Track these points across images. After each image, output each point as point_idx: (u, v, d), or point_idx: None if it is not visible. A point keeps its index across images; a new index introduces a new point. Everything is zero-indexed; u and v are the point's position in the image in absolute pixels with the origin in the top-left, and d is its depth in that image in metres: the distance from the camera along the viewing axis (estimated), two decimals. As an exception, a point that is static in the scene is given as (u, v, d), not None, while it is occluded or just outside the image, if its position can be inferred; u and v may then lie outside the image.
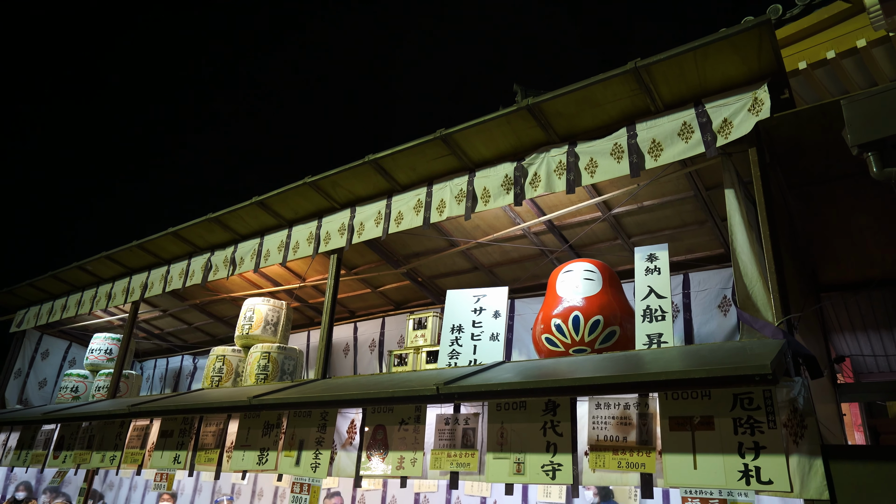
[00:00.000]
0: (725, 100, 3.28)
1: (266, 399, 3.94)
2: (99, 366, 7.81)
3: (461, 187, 4.29)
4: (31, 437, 6.22)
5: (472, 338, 4.40)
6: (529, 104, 3.76)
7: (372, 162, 4.52)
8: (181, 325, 8.60)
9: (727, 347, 2.91)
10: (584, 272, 4.17)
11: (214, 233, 5.88)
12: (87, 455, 5.53)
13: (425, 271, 6.18)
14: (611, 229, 5.03)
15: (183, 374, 9.14)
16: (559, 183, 3.83)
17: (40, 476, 8.34)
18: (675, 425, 2.71)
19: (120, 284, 6.99)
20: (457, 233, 5.36)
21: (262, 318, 6.07)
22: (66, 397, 7.59)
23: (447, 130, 4.12)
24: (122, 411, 4.99)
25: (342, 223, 4.96)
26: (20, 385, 8.39)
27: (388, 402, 3.52)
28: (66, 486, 7.86)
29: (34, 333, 8.69)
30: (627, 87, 3.51)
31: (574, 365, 3.30)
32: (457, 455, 3.39)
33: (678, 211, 4.71)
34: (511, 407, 3.27)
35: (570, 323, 3.95)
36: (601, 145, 3.72)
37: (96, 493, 7.50)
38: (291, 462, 4.06)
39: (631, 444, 2.89)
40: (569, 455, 2.97)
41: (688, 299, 5.04)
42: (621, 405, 3.03)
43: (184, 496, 7.98)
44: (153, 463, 4.97)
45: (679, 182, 4.35)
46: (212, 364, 6.04)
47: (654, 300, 3.75)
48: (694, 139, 3.32)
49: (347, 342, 7.21)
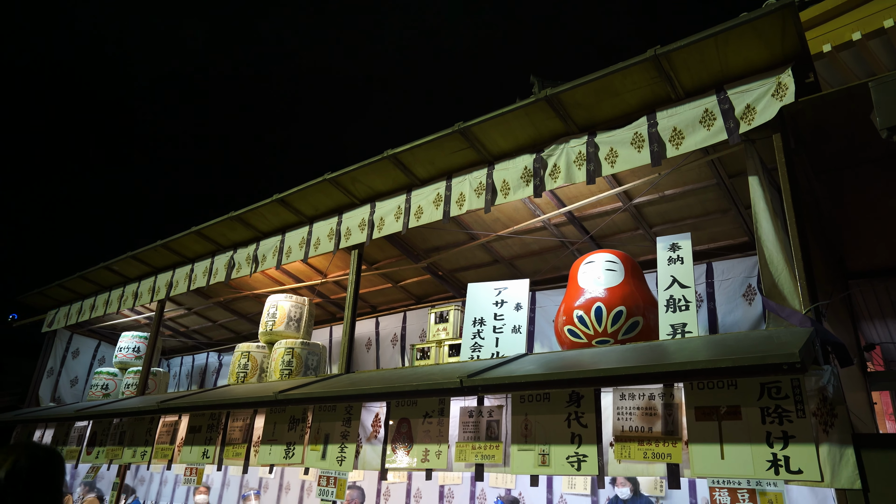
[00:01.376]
0: (748, 85, 3.22)
1: (291, 394, 3.99)
2: (127, 364, 7.98)
3: (480, 180, 4.29)
4: (64, 434, 6.38)
5: (494, 330, 4.40)
6: (548, 95, 3.74)
7: (391, 157, 4.53)
8: (206, 323, 8.73)
9: (753, 336, 2.88)
10: (606, 263, 4.14)
11: (237, 231, 5.96)
12: (118, 450, 5.66)
13: (446, 265, 6.19)
14: (632, 219, 4.99)
15: (208, 371, 9.29)
16: (579, 174, 3.81)
17: (75, 471, 8.56)
18: (701, 415, 2.69)
19: (146, 283, 7.12)
20: (476, 226, 5.35)
21: (285, 315, 6.14)
22: (97, 395, 7.76)
23: (465, 123, 4.11)
24: (151, 408, 5.09)
25: (362, 218, 4.99)
26: (53, 383, 8.61)
27: (412, 396, 3.55)
28: (99, 481, 8.05)
29: (65, 333, 8.89)
30: (647, 75, 3.47)
31: (597, 356, 3.29)
32: (481, 447, 3.41)
33: (700, 199, 4.65)
34: (535, 399, 3.28)
35: (592, 314, 3.93)
36: (621, 135, 3.69)
37: (128, 488, 7.67)
38: (317, 456, 4.12)
39: (657, 434, 2.88)
40: (594, 446, 2.96)
41: (711, 288, 4.98)
42: (646, 396, 3.02)
43: (212, 490, 8.13)
44: (183, 458, 5.07)
45: (701, 170, 4.30)
46: (237, 360, 6.13)
47: (677, 290, 3.72)
48: (716, 126, 3.27)
49: (369, 337, 7.26)
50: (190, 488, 7.67)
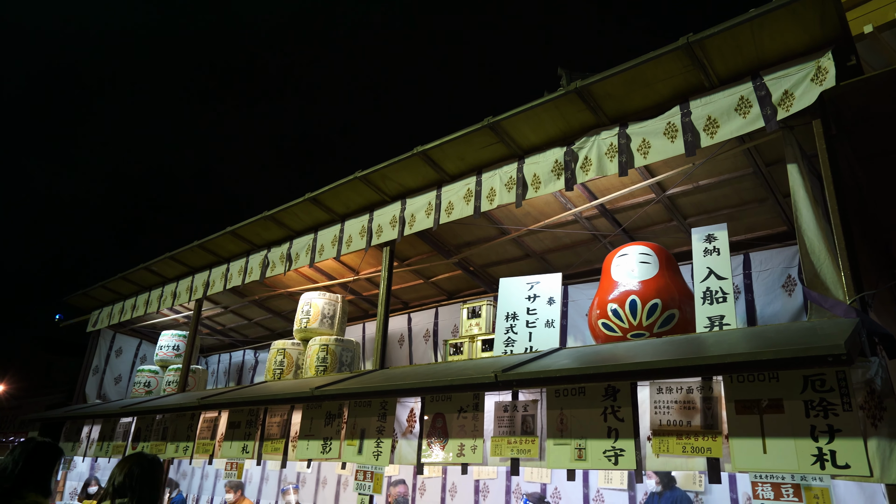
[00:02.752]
0: (786, 71, 3.14)
1: (327, 390, 4.04)
2: (168, 361, 8.20)
3: (511, 174, 4.27)
4: (111, 430, 6.59)
5: (526, 325, 4.39)
6: (578, 87, 3.70)
7: (420, 153, 4.55)
8: (242, 321, 8.91)
9: (795, 328, 2.81)
10: (640, 255, 4.09)
11: (270, 230, 6.06)
12: (162, 446, 5.82)
13: (477, 260, 6.19)
14: (665, 211, 4.91)
15: (245, 368, 9.48)
16: (611, 166, 3.76)
17: (120, 466, 8.82)
18: (742, 409, 2.64)
19: (184, 283, 7.29)
20: (507, 220, 5.34)
21: (318, 312, 6.22)
22: (140, 392, 8.00)
23: (495, 118, 4.10)
24: (192, 404, 5.22)
25: (393, 215, 5.02)
26: (98, 381, 8.90)
27: (446, 391, 3.56)
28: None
29: (108, 332, 9.18)
30: (679, 63, 3.41)
31: (633, 349, 3.25)
32: (517, 442, 3.41)
33: (736, 189, 4.56)
34: (570, 393, 3.26)
35: (626, 307, 3.89)
36: (653, 125, 3.63)
37: (172, 482, 7.89)
38: (354, 450, 4.17)
39: (695, 428, 2.83)
40: (631, 440, 2.93)
41: (749, 280, 4.87)
42: (684, 389, 2.97)
43: (251, 485, 8.30)
44: (223, 453, 5.19)
45: (737, 159, 4.20)
46: (273, 357, 6.24)
47: (713, 282, 3.66)
48: (752, 114, 3.20)
49: (402, 333, 7.31)
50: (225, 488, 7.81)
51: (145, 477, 2.49)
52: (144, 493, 2.43)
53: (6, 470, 2.47)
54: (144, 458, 2.56)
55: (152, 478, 2.52)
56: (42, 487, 2.47)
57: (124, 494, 2.43)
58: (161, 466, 2.58)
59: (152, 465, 2.55)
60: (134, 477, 2.46)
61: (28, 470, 2.47)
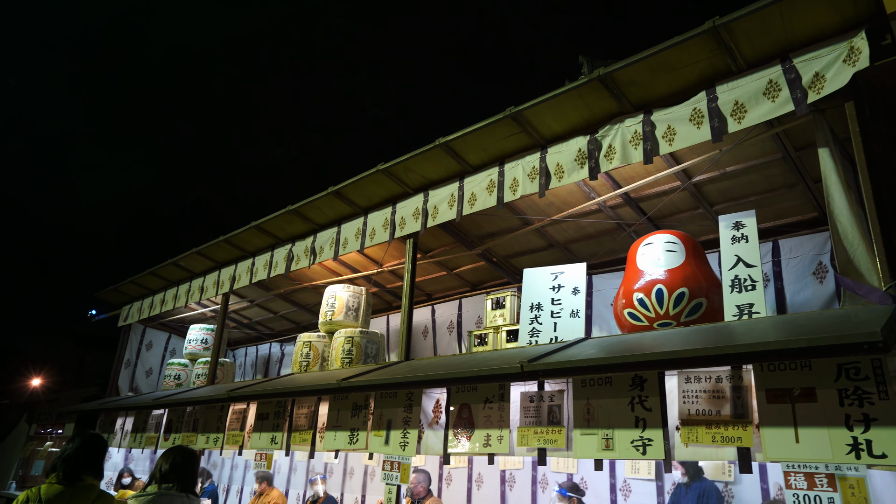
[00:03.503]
0: (816, 52, 3.06)
1: (354, 381, 4.08)
2: (197, 355, 8.36)
3: (533, 164, 4.25)
4: (143, 422, 6.74)
5: (551, 315, 4.37)
6: (601, 74, 3.66)
7: (442, 145, 4.54)
8: (268, 314, 9.03)
9: (828, 315, 2.76)
10: (666, 244, 4.04)
11: (294, 224, 6.12)
12: (193, 437, 5.94)
13: (500, 251, 6.18)
14: (691, 198, 4.84)
15: (272, 361, 9.62)
16: (635, 154, 3.72)
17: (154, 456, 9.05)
18: (773, 398, 2.60)
19: (210, 278, 7.41)
20: (530, 211, 5.31)
21: (343, 305, 6.28)
22: (170, 384, 8.17)
23: (517, 108, 4.07)
24: (221, 396, 5.32)
25: (416, 207, 5.03)
26: (130, 374, 9.12)
27: (472, 381, 3.57)
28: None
29: (138, 327, 9.39)
30: (705, 48, 3.34)
31: (660, 339, 3.22)
32: (543, 432, 3.41)
33: (765, 175, 4.47)
34: (596, 383, 3.24)
35: (653, 296, 3.85)
36: (679, 111, 3.58)
37: (205, 471, 8.05)
38: (381, 441, 4.21)
39: (725, 417, 2.80)
40: (659, 430, 2.91)
41: (778, 267, 4.78)
42: (713, 378, 2.94)
43: (280, 475, 8.44)
44: (252, 444, 5.28)
45: (765, 144, 4.12)
46: (299, 350, 6.32)
47: (742, 269, 3.60)
48: (781, 97, 3.12)
49: (426, 324, 7.34)
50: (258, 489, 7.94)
51: (185, 466, 2.91)
52: (185, 479, 2.87)
53: (70, 458, 2.94)
54: (185, 450, 2.99)
55: (191, 466, 2.94)
56: (96, 472, 2.98)
57: (169, 480, 2.85)
58: (197, 457, 3.05)
59: (191, 456, 2.98)
60: (177, 465, 2.87)
61: (86, 458, 2.95)
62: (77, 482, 2.86)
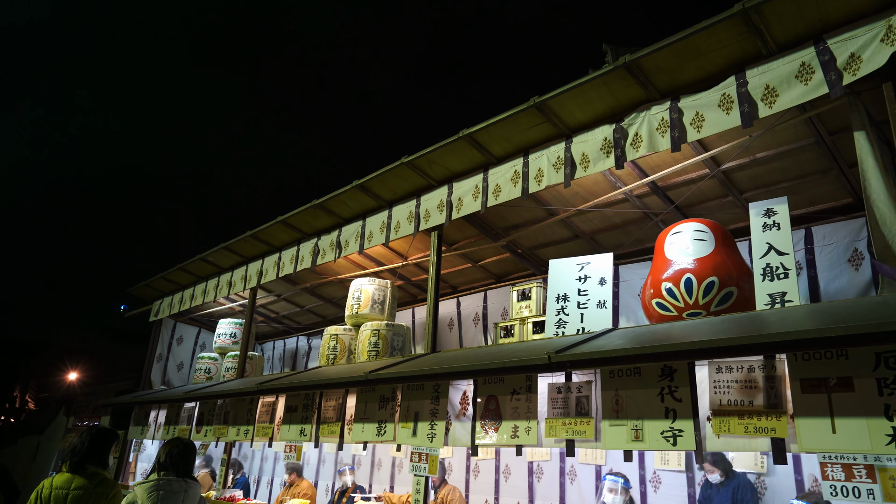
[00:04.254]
0: (852, 32, 2.96)
1: (381, 374, 4.11)
2: (226, 349, 8.50)
3: (558, 154, 4.21)
4: (175, 414, 6.89)
5: (578, 306, 4.34)
6: (626, 62, 3.60)
7: (466, 136, 4.53)
8: (294, 308, 9.13)
9: (865, 303, 2.69)
10: (695, 232, 3.98)
11: (319, 218, 6.17)
12: (224, 429, 6.05)
13: (525, 242, 6.15)
14: (720, 186, 4.75)
15: (299, 354, 9.74)
16: (663, 141, 3.66)
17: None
18: (808, 387, 2.55)
19: (238, 273, 7.52)
20: (555, 201, 5.27)
21: (369, 298, 6.32)
22: (201, 378, 8.33)
23: (541, 98, 4.04)
24: (251, 389, 5.40)
25: (440, 200, 5.03)
26: (162, 368, 9.32)
27: (499, 373, 3.57)
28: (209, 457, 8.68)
29: (169, 322, 9.58)
30: (735, 31, 3.27)
31: (690, 328, 3.18)
32: (572, 423, 3.39)
33: (797, 161, 4.36)
34: (625, 374, 3.21)
35: (682, 286, 3.80)
36: (707, 97, 3.51)
37: (236, 463, 8.20)
38: (408, 433, 4.23)
39: (758, 408, 2.75)
40: (690, 421, 2.88)
41: (811, 255, 4.67)
42: (745, 368, 2.89)
43: (309, 467, 8.56)
44: (282, 436, 5.36)
45: (797, 129, 4.02)
46: (326, 343, 6.38)
47: (774, 257, 3.53)
48: (815, 80, 3.04)
49: (451, 317, 7.35)
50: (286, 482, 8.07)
51: (182, 455, 3.10)
52: (181, 467, 3.07)
53: (76, 449, 3.25)
54: (181, 441, 3.21)
55: (187, 456, 3.14)
56: (100, 461, 3.22)
57: (167, 469, 3.07)
58: (194, 448, 3.29)
59: (187, 447, 3.19)
60: (174, 455, 3.08)
61: (90, 448, 3.22)
62: (81, 471, 3.18)
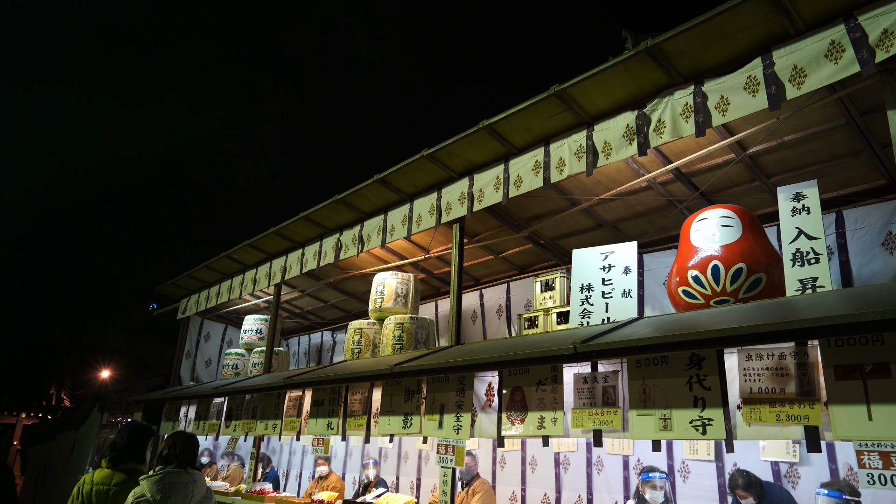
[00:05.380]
0: (885, 7, 2.86)
1: (406, 366, 4.13)
2: (252, 344, 8.62)
3: (580, 143, 4.16)
4: (205, 409, 7.00)
5: (602, 296, 4.30)
6: (648, 46, 3.54)
7: (486, 127, 4.50)
8: (318, 304, 9.21)
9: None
10: (721, 219, 3.91)
11: (341, 213, 6.20)
12: (252, 424, 6.14)
13: (547, 233, 6.11)
14: (747, 171, 4.66)
15: (324, 349, 9.83)
16: (686, 126, 3.59)
17: (216, 443, 9.42)
18: (842, 374, 2.49)
19: (262, 269, 7.61)
20: (577, 191, 5.22)
21: (392, 292, 6.34)
22: (229, 374, 8.46)
23: (561, 86, 4.00)
24: (278, 384, 5.47)
25: (461, 192, 5.01)
26: (190, 365, 9.49)
27: (524, 364, 3.55)
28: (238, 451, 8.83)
29: (196, 319, 9.74)
30: (760, 11, 3.19)
31: (718, 316, 3.13)
32: (599, 413, 3.36)
33: (826, 143, 4.25)
34: (652, 363, 3.17)
35: (708, 273, 3.74)
36: (732, 80, 3.43)
37: (265, 457, 8.32)
38: (434, 425, 4.25)
39: (790, 395, 2.70)
40: (719, 409, 2.83)
41: (843, 239, 4.56)
42: (776, 355, 2.83)
43: (337, 460, 8.64)
44: (309, 429, 5.41)
45: (827, 110, 3.92)
46: (351, 337, 6.43)
47: (804, 242, 3.46)
48: (845, 58, 2.95)
49: (474, 309, 7.35)
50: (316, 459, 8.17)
51: (185, 448, 3.18)
52: (184, 458, 3.14)
53: (115, 444, 3.34)
54: (184, 434, 3.29)
55: (191, 448, 3.22)
56: (138, 456, 3.28)
57: (171, 461, 3.14)
58: (196, 441, 3.37)
59: (190, 440, 3.27)
60: (177, 448, 3.16)
61: (129, 444, 3.30)
62: (121, 465, 3.26)
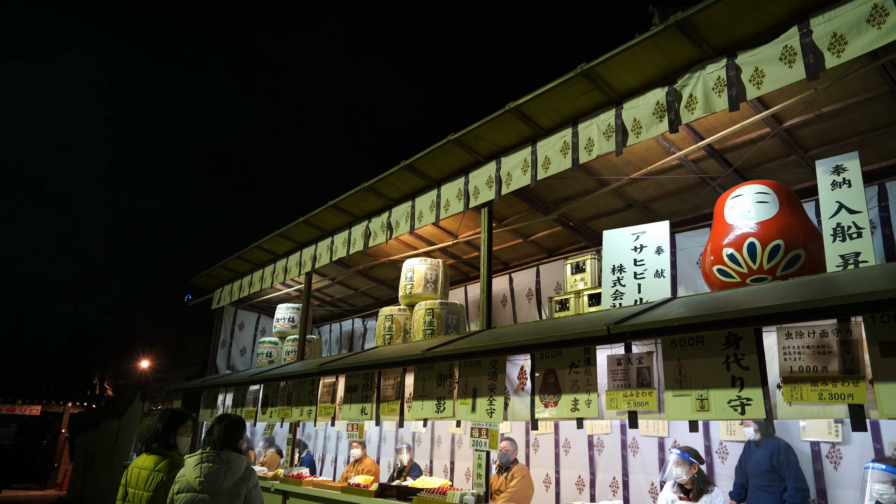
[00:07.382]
0: (930, -33, 2.74)
1: (438, 351, 4.15)
2: (285, 332, 8.76)
3: (609, 122, 4.09)
4: (242, 397, 7.17)
5: (634, 276, 4.25)
6: (678, 20, 3.45)
7: (513, 109, 4.45)
8: (349, 291, 9.30)
9: (950, 259, 2.52)
10: (757, 195, 3.82)
11: (369, 201, 6.22)
12: (288, 410, 6.26)
13: (576, 215, 6.04)
14: (782, 145, 4.53)
15: (355, 336, 9.94)
16: (719, 101, 3.50)
17: (254, 429, 9.63)
18: (888, 351, 2.42)
19: (293, 258, 7.70)
20: (606, 171, 5.14)
21: (422, 277, 6.36)
22: (263, 362, 8.62)
23: (589, 64, 3.92)
24: (312, 371, 5.56)
25: (489, 176, 4.98)
26: (226, 353, 9.70)
27: (556, 346, 3.54)
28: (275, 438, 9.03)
29: (230, 309, 9.93)
30: (796, -23, 3.07)
31: (755, 294, 3.06)
32: (633, 394, 3.33)
33: (867, 113, 4.10)
34: (687, 343, 3.13)
35: (744, 251, 3.66)
36: (767, 51, 3.32)
37: (301, 443, 8.49)
38: (467, 409, 4.27)
39: (833, 373, 2.64)
40: (758, 388, 2.78)
41: (886, 212, 4.41)
42: (816, 333, 2.76)
43: (371, 444, 8.77)
44: (344, 415, 5.50)
45: (868, 79, 3.77)
46: (382, 323, 6.48)
47: (845, 216, 3.35)
48: (889, 22, 2.82)
49: (504, 293, 7.33)
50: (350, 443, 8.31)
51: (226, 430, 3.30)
52: (227, 440, 3.27)
53: (150, 430, 3.51)
54: (227, 417, 3.42)
55: (232, 431, 3.32)
56: (164, 442, 3.41)
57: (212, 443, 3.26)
58: (243, 423, 3.48)
59: (233, 422, 3.39)
60: (220, 430, 3.29)
61: (164, 430, 3.44)
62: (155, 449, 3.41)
